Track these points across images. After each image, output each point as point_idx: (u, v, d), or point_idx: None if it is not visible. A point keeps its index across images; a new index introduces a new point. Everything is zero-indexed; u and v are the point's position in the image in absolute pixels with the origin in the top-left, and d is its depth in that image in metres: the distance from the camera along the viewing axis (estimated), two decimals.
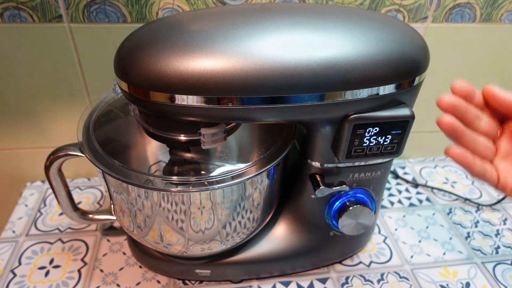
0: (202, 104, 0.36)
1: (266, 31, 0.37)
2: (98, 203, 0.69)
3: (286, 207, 0.56)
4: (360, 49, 0.37)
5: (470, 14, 0.64)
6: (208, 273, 0.54)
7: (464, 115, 0.34)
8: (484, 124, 0.35)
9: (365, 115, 0.40)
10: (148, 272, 0.57)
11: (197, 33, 0.37)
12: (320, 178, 0.48)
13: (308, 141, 0.46)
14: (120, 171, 0.42)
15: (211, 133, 0.40)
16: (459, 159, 0.34)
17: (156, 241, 0.48)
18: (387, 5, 0.61)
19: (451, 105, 0.33)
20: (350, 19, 0.40)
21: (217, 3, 0.57)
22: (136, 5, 0.56)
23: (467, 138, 0.34)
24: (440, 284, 0.57)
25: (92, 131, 0.47)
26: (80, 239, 0.61)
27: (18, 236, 0.61)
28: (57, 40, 0.57)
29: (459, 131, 0.34)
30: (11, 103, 0.63)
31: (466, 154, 0.34)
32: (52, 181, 0.48)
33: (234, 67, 0.35)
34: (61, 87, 0.62)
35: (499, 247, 0.63)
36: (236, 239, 0.49)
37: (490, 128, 0.35)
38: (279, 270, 0.56)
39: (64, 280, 0.55)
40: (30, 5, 0.54)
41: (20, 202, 0.68)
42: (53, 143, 0.68)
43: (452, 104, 0.33)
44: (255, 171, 0.42)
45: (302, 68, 0.35)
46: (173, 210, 0.43)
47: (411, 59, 0.39)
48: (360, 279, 0.57)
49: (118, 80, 0.38)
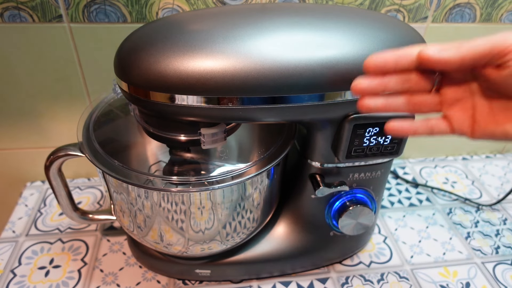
0: (202, 104, 0.36)
1: (266, 31, 0.37)
2: (98, 203, 0.69)
3: (286, 207, 0.56)
4: (360, 49, 0.37)
5: (470, 14, 0.64)
6: (208, 273, 0.54)
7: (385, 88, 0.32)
8: (414, 84, 0.33)
9: (365, 115, 0.40)
10: (148, 272, 0.57)
11: (197, 33, 0.37)
12: (320, 178, 0.48)
13: (308, 141, 0.46)
14: (120, 171, 0.42)
15: (211, 133, 0.40)
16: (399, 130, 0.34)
17: (156, 241, 0.48)
18: (387, 5, 0.61)
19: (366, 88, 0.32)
20: (350, 19, 0.40)
21: (217, 3, 0.57)
22: (136, 5, 0.56)
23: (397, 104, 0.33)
24: (440, 284, 0.57)
25: (92, 131, 0.47)
26: (80, 239, 0.61)
27: (18, 236, 0.61)
28: (57, 40, 0.57)
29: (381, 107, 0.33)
30: (11, 103, 0.63)
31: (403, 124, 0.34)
32: (52, 181, 0.48)
33: (234, 67, 0.35)
34: (61, 87, 0.62)
35: (499, 247, 0.63)
36: (236, 239, 0.49)
37: (422, 85, 0.33)
38: (279, 270, 0.56)
39: (64, 280, 0.55)
40: (30, 5, 0.54)
41: (20, 202, 0.68)
42: (53, 143, 0.68)
43: (363, 87, 0.32)
44: (255, 171, 0.42)
45: (302, 68, 0.35)
46: (173, 210, 0.43)
47: None
48: (360, 279, 0.57)
49: (118, 80, 0.38)
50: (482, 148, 0.84)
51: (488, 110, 0.33)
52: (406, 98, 0.33)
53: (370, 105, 0.33)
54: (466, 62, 0.30)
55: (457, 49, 0.30)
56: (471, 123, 0.33)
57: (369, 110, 0.33)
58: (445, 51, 0.30)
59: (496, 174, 0.79)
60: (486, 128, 0.33)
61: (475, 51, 0.30)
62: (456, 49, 0.30)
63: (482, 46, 0.30)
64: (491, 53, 0.29)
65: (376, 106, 0.33)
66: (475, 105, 0.33)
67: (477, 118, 0.33)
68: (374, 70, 0.31)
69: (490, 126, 0.33)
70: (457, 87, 0.34)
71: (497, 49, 0.29)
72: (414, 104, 0.34)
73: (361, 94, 0.32)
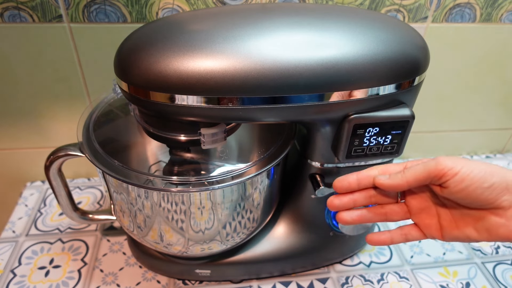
0: (202, 104, 0.36)
1: (266, 31, 0.37)
2: (98, 203, 0.69)
3: (286, 207, 0.56)
4: (360, 49, 0.37)
5: (470, 14, 0.64)
6: (208, 273, 0.54)
7: (355, 204, 0.39)
8: (380, 199, 0.39)
9: (365, 115, 0.40)
10: (148, 272, 0.57)
11: (197, 33, 0.37)
12: (320, 178, 0.48)
13: (308, 141, 0.46)
14: (120, 171, 0.42)
15: (211, 133, 0.40)
16: (378, 242, 0.40)
17: (156, 241, 0.48)
18: (387, 5, 0.61)
19: (339, 206, 0.38)
20: (350, 19, 0.40)
21: (217, 3, 0.57)
22: (136, 5, 0.56)
23: (372, 216, 0.39)
24: (440, 284, 0.57)
25: (92, 131, 0.47)
26: (80, 239, 0.61)
27: (18, 236, 0.61)
28: (57, 40, 0.57)
29: (359, 219, 0.39)
30: (11, 103, 0.63)
31: (381, 236, 0.40)
32: (52, 181, 0.48)
33: (234, 67, 0.35)
34: (61, 87, 0.62)
35: (499, 247, 0.63)
36: (236, 239, 0.49)
37: (388, 198, 0.39)
38: (279, 270, 0.56)
39: (64, 280, 0.55)
40: (30, 5, 0.54)
41: (20, 202, 0.68)
42: (53, 143, 0.68)
43: (339, 206, 0.38)
44: (255, 171, 0.42)
45: (302, 68, 0.35)
46: (173, 210, 0.43)
47: (411, 59, 0.39)
48: (360, 279, 0.57)
49: (118, 80, 0.38)
50: (482, 148, 0.84)
51: (450, 216, 0.37)
52: (377, 209, 0.39)
53: (347, 218, 0.39)
54: (411, 185, 0.35)
55: (402, 175, 0.35)
56: (439, 228, 0.38)
57: (347, 223, 0.39)
58: (393, 178, 0.36)
59: None
60: (451, 233, 0.37)
61: (416, 177, 0.35)
62: (401, 175, 0.35)
63: (420, 173, 0.35)
64: (429, 177, 0.34)
65: (352, 219, 0.39)
66: (439, 212, 0.38)
67: (442, 224, 0.38)
68: (341, 190, 0.38)
69: (454, 231, 0.37)
70: (419, 197, 0.39)
71: (432, 174, 0.34)
72: (385, 214, 0.39)
73: (335, 210, 0.39)
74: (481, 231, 0.36)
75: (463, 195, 0.34)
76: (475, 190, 0.33)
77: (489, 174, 0.33)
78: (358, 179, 0.38)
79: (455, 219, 0.37)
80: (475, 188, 0.33)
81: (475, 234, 0.36)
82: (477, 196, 0.33)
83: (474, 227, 0.36)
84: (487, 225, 0.35)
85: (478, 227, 0.36)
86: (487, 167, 0.34)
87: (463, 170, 0.33)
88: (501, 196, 0.33)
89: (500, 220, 0.34)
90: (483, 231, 0.35)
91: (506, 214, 0.34)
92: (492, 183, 0.33)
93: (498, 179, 0.33)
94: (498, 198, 0.33)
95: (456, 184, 0.33)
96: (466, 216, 0.36)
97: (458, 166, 0.34)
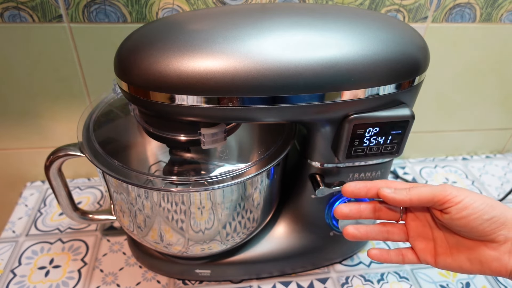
0: (202, 104, 0.36)
1: (266, 31, 0.37)
2: (98, 203, 0.69)
3: (286, 207, 0.56)
4: (360, 49, 0.37)
5: (470, 14, 0.64)
6: (208, 273, 0.54)
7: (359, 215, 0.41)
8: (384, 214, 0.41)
9: (365, 115, 0.40)
10: (148, 272, 0.57)
11: (197, 33, 0.37)
12: (320, 178, 0.48)
13: (308, 141, 0.46)
14: (120, 171, 0.42)
15: (211, 133, 0.40)
16: (378, 259, 0.41)
17: (156, 241, 0.48)
18: (387, 5, 0.61)
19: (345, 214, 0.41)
20: (350, 19, 0.40)
21: (217, 3, 0.57)
22: (136, 5, 0.56)
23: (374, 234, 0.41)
24: (440, 284, 0.57)
25: (92, 131, 0.47)
26: (80, 239, 0.61)
27: (18, 236, 0.61)
28: (57, 40, 0.57)
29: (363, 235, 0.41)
30: (11, 103, 0.63)
31: (381, 253, 0.41)
32: (52, 181, 0.48)
33: (234, 67, 0.35)
34: (61, 87, 0.62)
35: None
36: (236, 239, 0.49)
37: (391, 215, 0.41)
38: (279, 270, 0.56)
39: (64, 280, 0.55)
40: (30, 5, 0.54)
41: (20, 202, 0.68)
42: (53, 143, 0.68)
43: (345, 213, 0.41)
44: (255, 171, 0.42)
45: (302, 68, 0.35)
46: (173, 210, 0.43)
47: (411, 59, 0.39)
48: (360, 279, 0.57)
49: (118, 80, 0.38)
50: (482, 148, 0.84)
51: (446, 243, 0.39)
52: (380, 227, 0.41)
53: (355, 233, 0.41)
54: (414, 203, 0.37)
55: (407, 192, 0.37)
56: (434, 255, 0.39)
57: (354, 238, 0.41)
58: (397, 193, 0.37)
59: (496, 174, 0.79)
60: (445, 260, 0.39)
61: (420, 196, 0.36)
62: (406, 192, 0.37)
63: (425, 194, 0.36)
64: (433, 200, 0.36)
65: (360, 233, 0.41)
66: (435, 238, 0.39)
67: (437, 250, 0.39)
68: (350, 195, 0.39)
69: (447, 258, 0.38)
70: (419, 221, 0.40)
71: (436, 198, 0.36)
72: (387, 232, 0.41)
73: (342, 218, 0.41)
74: (474, 263, 0.37)
75: (463, 223, 0.35)
76: (475, 220, 0.35)
77: (490, 207, 0.35)
78: (367, 187, 0.39)
79: (450, 247, 0.38)
80: (475, 218, 0.35)
81: (468, 265, 0.37)
82: (476, 226, 0.35)
83: (467, 257, 0.37)
84: (480, 257, 0.36)
85: (472, 258, 0.37)
86: (490, 200, 0.35)
87: (466, 200, 0.35)
88: (498, 230, 0.35)
89: (493, 254, 0.36)
90: (476, 263, 0.37)
91: (500, 248, 0.35)
92: (492, 216, 0.35)
93: (498, 213, 0.35)
94: (495, 232, 0.35)
95: (458, 212, 0.35)
96: (461, 246, 0.38)
97: (463, 195, 0.35)
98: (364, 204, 0.41)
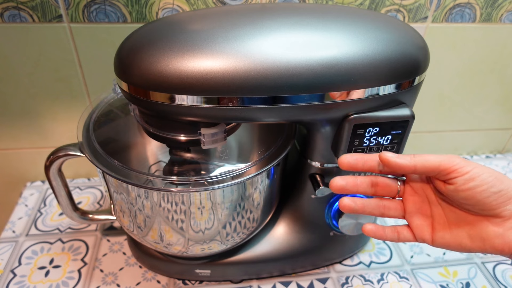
0: (202, 104, 0.36)
1: (266, 31, 0.37)
2: (98, 203, 0.69)
3: (286, 207, 0.56)
4: (360, 49, 0.37)
5: (470, 14, 0.64)
6: (208, 273, 0.54)
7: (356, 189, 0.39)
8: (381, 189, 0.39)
9: (365, 115, 0.40)
10: (148, 272, 0.57)
11: (197, 33, 0.37)
12: (320, 178, 0.48)
13: (308, 141, 0.46)
14: (120, 171, 0.42)
15: (211, 133, 0.40)
16: (373, 234, 0.40)
17: (156, 241, 0.48)
18: (387, 5, 0.61)
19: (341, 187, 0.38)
20: (350, 19, 0.40)
21: (217, 3, 0.57)
22: (136, 5, 0.56)
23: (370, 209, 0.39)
24: (440, 284, 0.57)
25: (92, 131, 0.47)
26: (80, 239, 0.61)
27: (18, 236, 0.61)
28: (57, 40, 0.57)
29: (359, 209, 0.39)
30: (11, 103, 0.63)
31: (377, 229, 0.40)
32: (52, 181, 0.48)
33: (234, 67, 0.35)
34: (61, 87, 0.62)
35: None
36: (236, 239, 0.49)
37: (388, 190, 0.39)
38: (279, 270, 0.56)
39: (64, 280, 0.55)
40: (30, 5, 0.54)
41: (20, 202, 0.68)
42: (53, 143, 0.68)
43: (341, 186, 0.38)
44: (255, 171, 0.42)
45: (302, 68, 0.35)
46: (173, 210, 0.43)
47: (411, 59, 0.39)
48: (360, 279, 0.57)
49: (118, 80, 0.38)
50: (482, 148, 0.84)
51: (445, 219, 0.38)
52: (377, 201, 0.40)
53: (352, 205, 0.39)
54: (418, 170, 0.35)
55: (411, 158, 0.35)
56: (431, 232, 0.38)
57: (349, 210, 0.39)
58: (401, 157, 0.35)
59: None
60: (443, 237, 0.37)
61: (425, 163, 0.35)
62: (410, 158, 0.35)
63: (431, 161, 0.35)
64: (438, 168, 0.34)
65: (356, 205, 0.39)
66: (433, 214, 0.38)
67: (435, 227, 0.38)
68: (346, 166, 0.38)
69: (446, 235, 0.37)
70: (417, 196, 0.39)
71: (443, 166, 0.34)
72: (383, 207, 0.40)
73: (337, 191, 0.39)
74: (475, 239, 0.36)
75: (468, 195, 0.34)
76: (482, 193, 0.33)
77: (498, 180, 0.33)
78: (364, 158, 0.37)
79: (450, 223, 0.37)
80: (482, 191, 0.33)
81: (467, 242, 0.36)
82: (482, 199, 0.34)
83: (468, 234, 0.36)
84: (482, 233, 0.35)
85: (473, 234, 0.36)
86: (498, 174, 0.34)
87: (474, 171, 0.34)
88: (504, 205, 0.34)
89: (497, 230, 0.34)
90: (478, 240, 0.35)
91: (504, 224, 0.34)
92: (501, 189, 0.33)
93: (506, 187, 0.33)
94: (501, 206, 0.34)
95: (464, 183, 0.34)
96: (462, 221, 0.36)
97: (470, 166, 0.34)
98: (360, 177, 0.39)
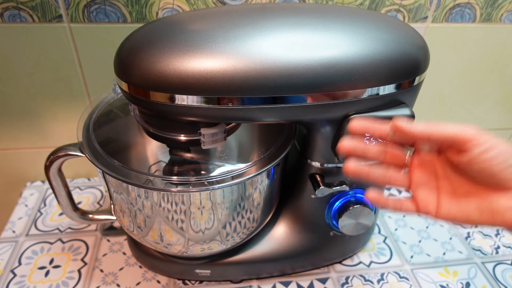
0: (202, 104, 0.36)
1: (266, 31, 0.37)
2: (98, 203, 0.69)
3: (286, 207, 0.56)
4: (360, 49, 0.37)
5: (470, 14, 0.64)
6: (208, 273, 0.54)
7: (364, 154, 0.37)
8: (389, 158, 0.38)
9: (365, 115, 0.40)
10: (148, 272, 0.57)
11: (197, 33, 0.37)
12: (320, 178, 0.48)
13: (308, 141, 0.46)
14: (120, 171, 0.42)
15: (211, 133, 0.40)
16: (375, 199, 0.38)
17: (156, 241, 0.48)
18: (387, 5, 0.61)
19: (349, 149, 0.36)
20: (350, 19, 0.40)
21: (217, 3, 0.57)
22: (136, 5, 0.56)
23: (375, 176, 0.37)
24: (440, 284, 0.57)
25: (92, 131, 0.47)
26: (80, 239, 0.61)
27: (18, 236, 0.61)
28: (57, 40, 0.57)
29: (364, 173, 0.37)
30: (11, 103, 0.63)
31: (379, 196, 0.38)
32: (52, 181, 0.48)
33: (234, 67, 0.35)
34: (61, 87, 0.62)
35: (499, 247, 0.63)
36: (236, 239, 0.49)
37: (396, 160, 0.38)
38: (279, 270, 0.56)
39: (64, 280, 0.55)
40: (30, 5, 0.54)
41: (20, 202, 0.68)
42: (53, 143, 0.68)
43: (350, 149, 0.36)
44: (255, 171, 0.42)
45: (302, 68, 0.35)
46: (173, 210, 0.43)
47: (411, 59, 0.39)
48: (360, 279, 0.57)
49: (118, 80, 0.38)
50: None
51: (451, 193, 0.36)
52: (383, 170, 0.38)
53: (356, 169, 0.37)
54: (432, 137, 0.34)
55: (426, 125, 0.34)
56: (436, 205, 0.37)
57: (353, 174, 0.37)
58: (416, 125, 0.34)
59: None
60: (450, 209, 0.36)
61: (441, 132, 0.34)
62: (425, 125, 0.34)
63: (448, 129, 0.34)
64: (455, 137, 0.33)
65: (360, 170, 0.37)
66: (440, 187, 0.37)
67: (441, 200, 0.36)
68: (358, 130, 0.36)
69: (453, 207, 0.36)
70: (425, 168, 0.37)
71: (460, 135, 0.33)
72: (389, 177, 0.38)
73: (345, 154, 0.37)
74: (484, 212, 0.34)
75: (483, 167, 0.33)
76: (498, 165, 0.33)
77: None
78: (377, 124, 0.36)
79: (458, 196, 0.36)
80: (498, 162, 0.32)
81: (475, 215, 0.35)
82: (498, 171, 0.33)
83: (477, 206, 0.35)
84: (493, 206, 0.34)
85: (483, 207, 0.34)
86: None
87: (492, 141, 0.33)
88: None
89: (509, 203, 0.33)
90: (487, 213, 0.34)
91: None
92: None
93: None
94: None
95: (481, 153, 0.33)
96: (472, 194, 0.35)
97: (487, 136, 0.33)
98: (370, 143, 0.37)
